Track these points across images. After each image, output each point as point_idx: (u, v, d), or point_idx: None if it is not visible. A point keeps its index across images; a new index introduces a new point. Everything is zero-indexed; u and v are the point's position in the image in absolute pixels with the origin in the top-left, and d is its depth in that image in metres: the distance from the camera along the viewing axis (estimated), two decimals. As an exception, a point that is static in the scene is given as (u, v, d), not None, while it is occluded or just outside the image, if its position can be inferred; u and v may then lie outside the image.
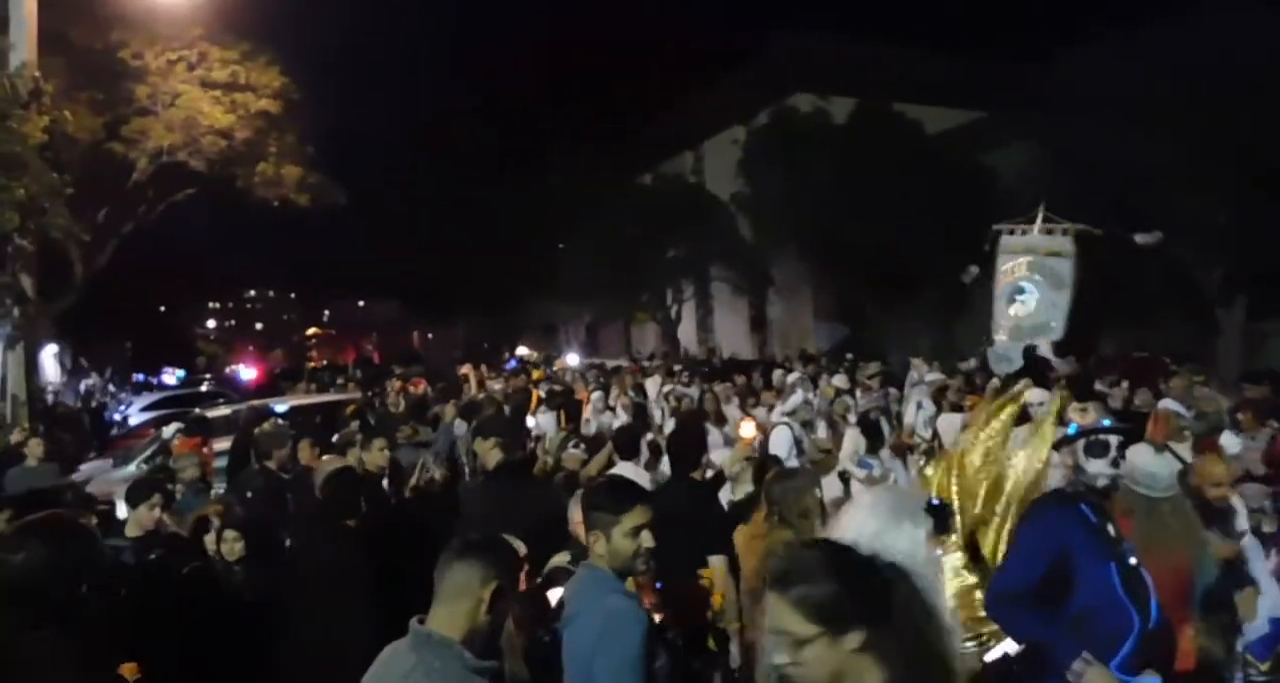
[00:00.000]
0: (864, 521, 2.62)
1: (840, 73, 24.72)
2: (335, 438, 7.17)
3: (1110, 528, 3.06)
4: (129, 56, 16.25)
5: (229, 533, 4.33)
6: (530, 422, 8.97)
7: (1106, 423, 3.15)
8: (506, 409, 9.90)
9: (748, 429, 5.49)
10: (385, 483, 6.07)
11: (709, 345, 30.83)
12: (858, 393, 10.50)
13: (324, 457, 6.10)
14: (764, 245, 24.75)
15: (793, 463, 6.48)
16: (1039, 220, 8.36)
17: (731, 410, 9.98)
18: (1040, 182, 14.80)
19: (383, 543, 4.21)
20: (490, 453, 5.07)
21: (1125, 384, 10.00)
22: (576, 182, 28.20)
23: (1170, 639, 3.07)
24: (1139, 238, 9.55)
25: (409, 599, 2.53)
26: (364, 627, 3.49)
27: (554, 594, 3.55)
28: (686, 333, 31.21)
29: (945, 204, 18.32)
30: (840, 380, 11.53)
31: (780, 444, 7.26)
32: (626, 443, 5.76)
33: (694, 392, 10.99)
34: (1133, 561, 3.05)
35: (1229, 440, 5.54)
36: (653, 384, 12.40)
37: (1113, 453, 3.15)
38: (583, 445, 6.06)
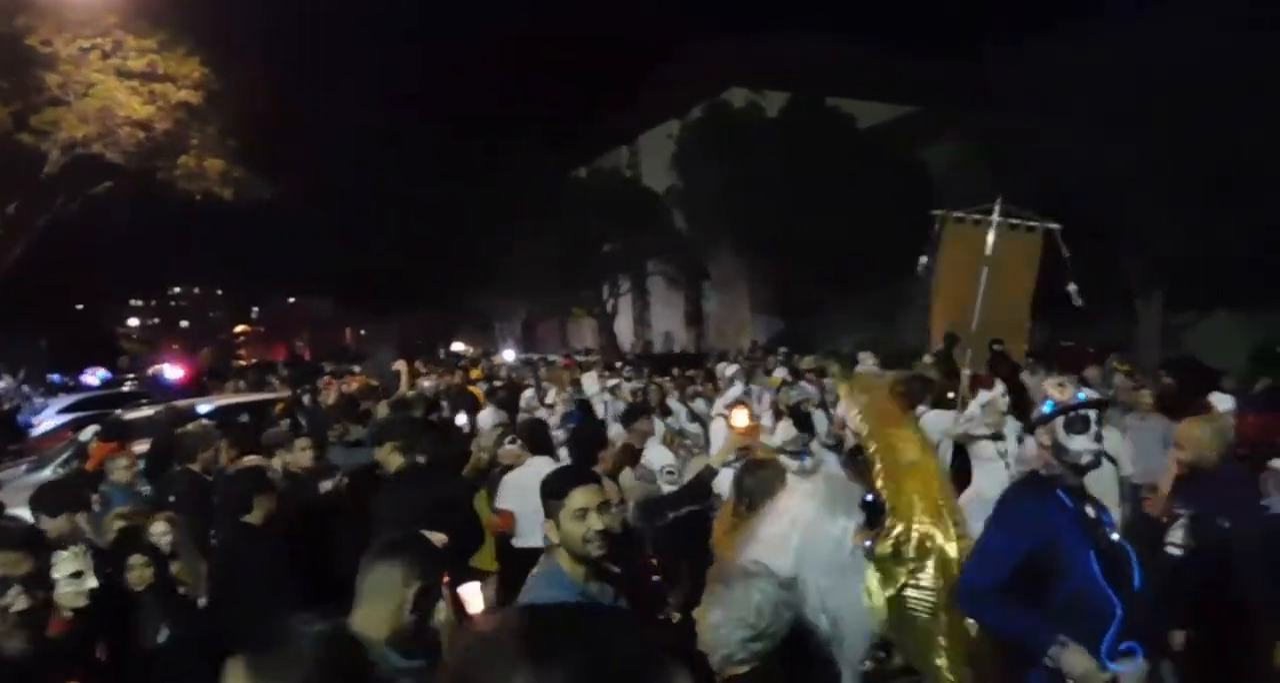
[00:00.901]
0: (801, 507, 2.65)
1: (774, 67, 24.98)
2: (261, 438, 6.88)
3: (1089, 510, 2.96)
4: (38, 43, 15.53)
5: (135, 559, 3.95)
6: (461, 420, 8.81)
7: (1081, 397, 2.98)
8: (444, 406, 9.78)
9: (740, 418, 5.36)
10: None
11: (646, 339, 31.25)
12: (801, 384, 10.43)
13: (247, 458, 5.83)
14: (700, 239, 24.96)
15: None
16: (996, 212, 8.11)
17: (672, 403, 9.97)
18: (971, 174, 14.97)
19: (301, 545, 4.12)
20: (389, 458, 4.98)
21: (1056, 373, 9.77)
22: (512, 177, 28.07)
23: (1149, 612, 2.99)
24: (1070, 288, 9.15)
25: (328, 603, 2.41)
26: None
27: (467, 590, 3.55)
28: (623, 327, 31.17)
29: (879, 197, 18.64)
30: (781, 373, 11.57)
31: (721, 436, 7.17)
32: (540, 438, 5.77)
33: (635, 385, 10.95)
34: (1115, 537, 2.98)
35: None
36: (590, 379, 12.25)
37: (1094, 428, 2.98)
38: (520, 441, 5.87)
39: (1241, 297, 16.55)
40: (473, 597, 4.60)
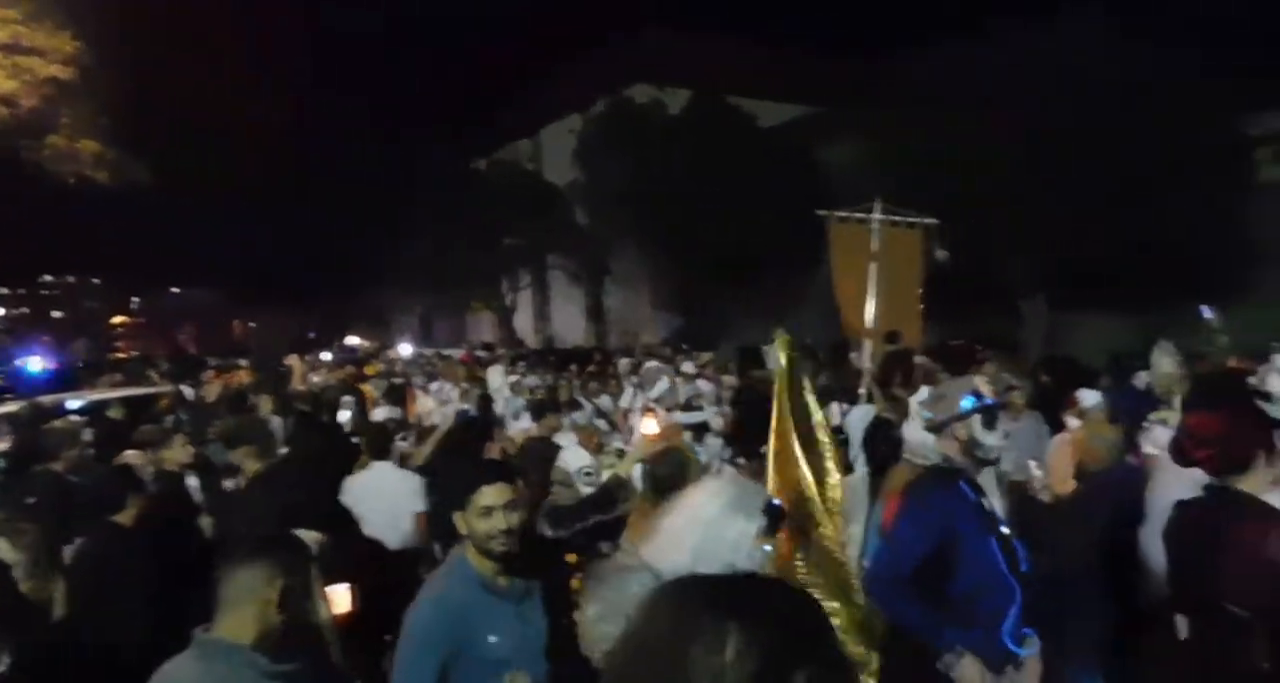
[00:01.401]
0: (701, 506, 2.67)
1: (677, 64, 25.28)
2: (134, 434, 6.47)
3: (985, 502, 3.09)
4: (-118, 9, 14.31)
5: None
6: (344, 416, 8.53)
7: (971, 402, 3.14)
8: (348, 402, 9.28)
9: (650, 426, 5.41)
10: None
11: (546, 334, 31.08)
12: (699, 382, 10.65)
13: (127, 453, 5.46)
14: (601, 235, 25.01)
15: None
16: (877, 211, 8.56)
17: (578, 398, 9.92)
18: (869, 174, 15.13)
19: (166, 547, 4.00)
20: (245, 462, 4.91)
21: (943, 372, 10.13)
22: (410, 167, 27.68)
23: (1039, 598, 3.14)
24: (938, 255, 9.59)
25: (191, 606, 2.45)
26: (138, 637, 3.31)
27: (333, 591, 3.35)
28: (523, 322, 31.22)
29: (778, 196, 18.88)
30: (688, 368, 11.81)
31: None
32: (381, 443, 5.78)
33: (535, 382, 11.17)
34: (1005, 530, 3.11)
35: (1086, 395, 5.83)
36: (495, 374, 12.20)
37: (1000, 426, 3.17)
38: (410, 438, 5.71)
39: (1124, 300, 17.07)
40: (339, 598, 4.47)
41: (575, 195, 25.43)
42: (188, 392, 12.16)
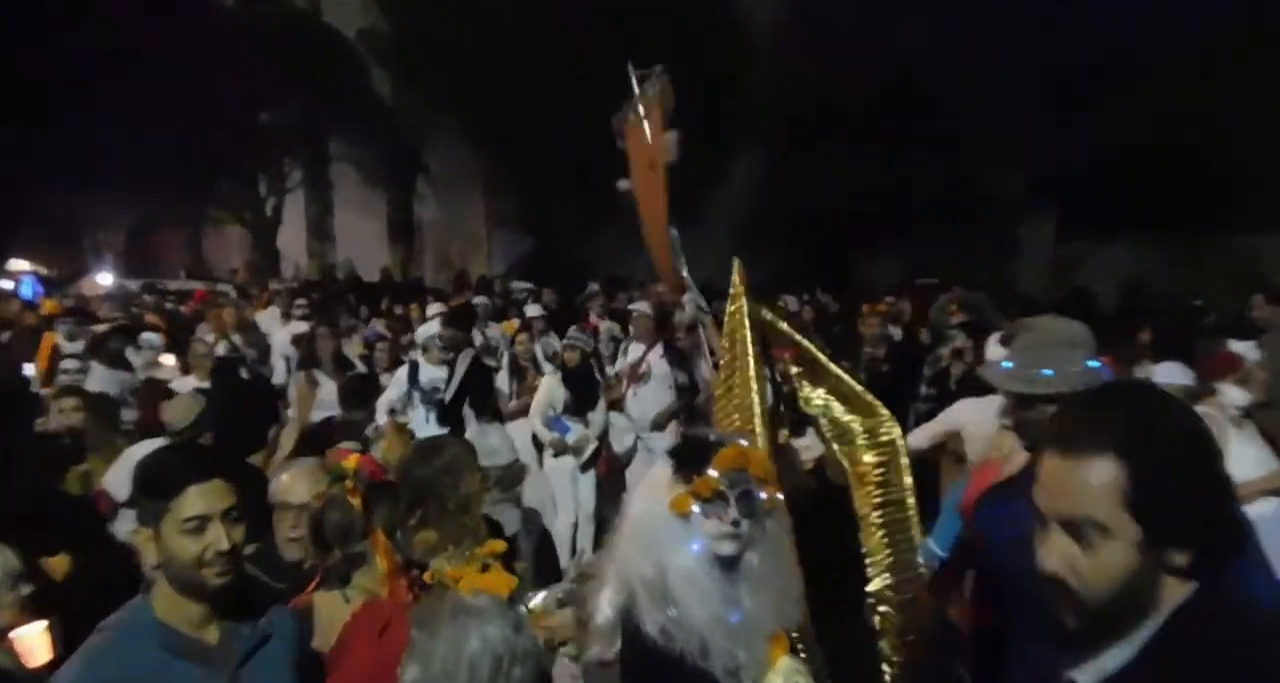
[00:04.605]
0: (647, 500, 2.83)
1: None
2: None
3: None
4: None
5: None
6: (29, 369, 9.03)
7: None
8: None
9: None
10: None
11: (328, 260, 29.69)
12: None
13: None
14: (412, 113, 24.31)
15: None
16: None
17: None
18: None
19: None
20: None
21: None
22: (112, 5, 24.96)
23: None
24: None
25: None
26: None
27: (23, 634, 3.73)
28: (292, 242, 30.00)
29: (666, 50, 18.41)
30: (534, 310, 12.04)
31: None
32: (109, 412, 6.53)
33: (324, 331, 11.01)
34: None
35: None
36: (269, 318, 12.49)
37: None
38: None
39: (1146, 220, 17.67)
40: (33, 644, 4.13)
41: (371, 50, 24.16)
42: None
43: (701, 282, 6.86)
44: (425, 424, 8.48)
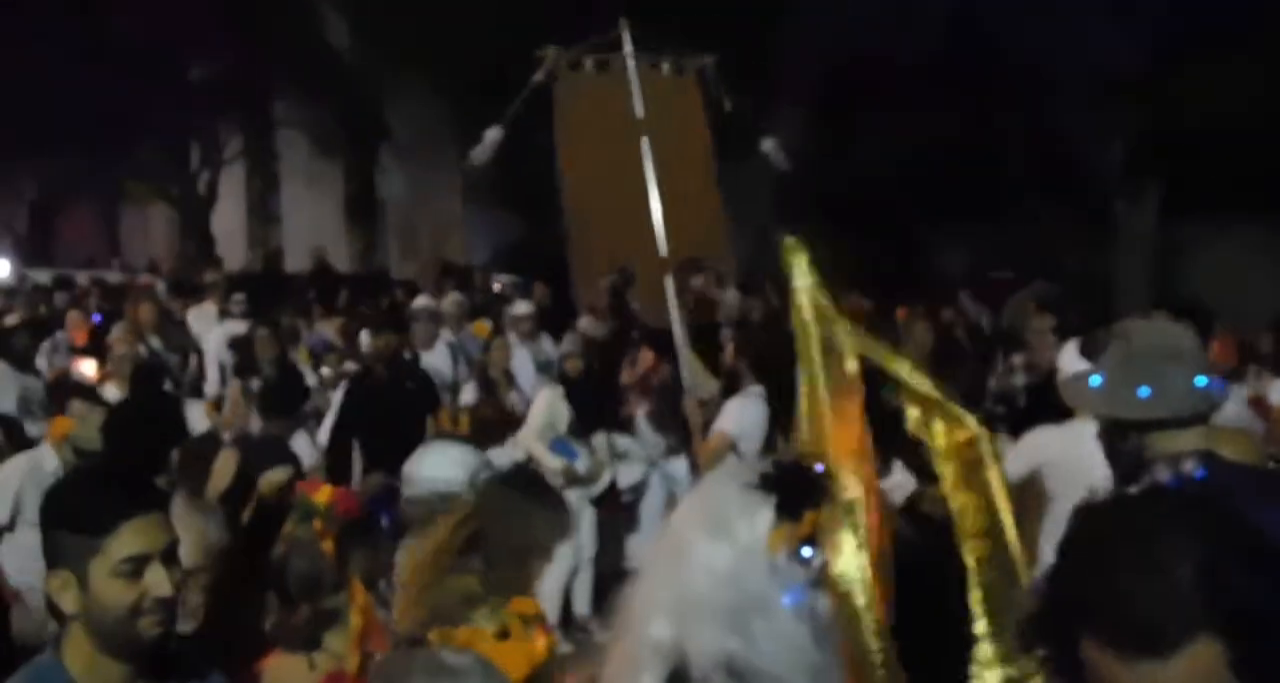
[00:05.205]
0: (692, 553, 2.61)
1: None
2: None
3: None
4: None
5: None
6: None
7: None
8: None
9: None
10: None
11: (271, 246, 29.14)
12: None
13: None
14: (374, 68, 23.77)
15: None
16: (627, 43, 8.42)
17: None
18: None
19: None
20: None
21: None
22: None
23: None
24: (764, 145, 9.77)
25: None
26: None
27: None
28: (229, 223, 29.46)
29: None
30: (522, 308, 12.00)
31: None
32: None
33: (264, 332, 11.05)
34: None
35: None
36: (203, 316, 12.65)
37: None
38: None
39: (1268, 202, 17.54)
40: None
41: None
42: None
43: (744, 267, 6.97)
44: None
